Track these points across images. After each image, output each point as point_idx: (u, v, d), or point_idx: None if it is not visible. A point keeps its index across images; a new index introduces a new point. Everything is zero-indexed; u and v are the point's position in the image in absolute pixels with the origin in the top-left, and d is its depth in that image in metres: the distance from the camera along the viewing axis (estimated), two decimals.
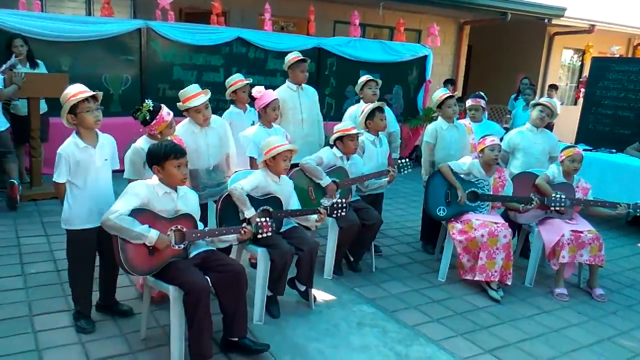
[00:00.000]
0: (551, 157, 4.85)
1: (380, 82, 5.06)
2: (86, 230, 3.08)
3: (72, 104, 2.92)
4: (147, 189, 2.86)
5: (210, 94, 3.74)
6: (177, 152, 2.86)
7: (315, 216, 3.58)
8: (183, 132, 3.66)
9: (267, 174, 3.53)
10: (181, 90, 3.72)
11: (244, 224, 3.14)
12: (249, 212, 3.35)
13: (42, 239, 4.59)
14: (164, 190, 2.89)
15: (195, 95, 3.64)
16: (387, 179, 4.35)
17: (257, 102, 4.17)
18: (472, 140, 4.78)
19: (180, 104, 3.69)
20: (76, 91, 2.96)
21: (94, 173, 3.05)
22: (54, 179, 3.03)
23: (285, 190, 3.62)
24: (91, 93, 2.99)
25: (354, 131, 4.14)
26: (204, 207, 3.77)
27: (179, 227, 2.90)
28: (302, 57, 4.89)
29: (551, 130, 5.53)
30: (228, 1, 8.44)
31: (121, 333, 3.17)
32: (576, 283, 4.46)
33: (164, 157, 2.83)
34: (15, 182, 5.31)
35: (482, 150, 4.23)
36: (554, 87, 10.44)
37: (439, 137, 4.75)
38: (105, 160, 3.12)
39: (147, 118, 3.26)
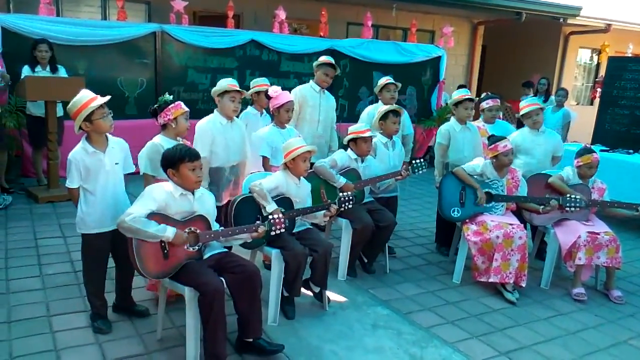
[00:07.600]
0: (554, 157, 4.80)
1: (399, 85, 5.09)
2: (100, 234, 3.11)
3: (89, 111, 2.94)
4: (165, 192, 2.89)
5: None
6: (192, 155, 2.90)
7: (321, 212, 3.65)
8: (211, 125, 3.80)
9: (287, 176, 3.56)
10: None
11: (258, 222, 3.16)
12: (271, 206, 3.36)
13: (60, 241, 4.66)
14: (180, 192, 2.92)
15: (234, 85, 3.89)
16: (397, 177, 4.32)
17: (271, 102, 4.22)
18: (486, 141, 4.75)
19: (218, 88, 3.82)
20: (89, 98, 2.98)
21: (104, 177, 3.08)
22: (66, 185, 3.08)
23: (303, 192, 3.66)
24: (105, 100, 3.02)
25: (367, 134, 4.14)
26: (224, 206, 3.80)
27: (192, 228, 2.92)
28: (333, 64, 5.00)
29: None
30: (241, 4, 8.50)
31: (137, 334, 3.21)
32: (593, 285, 4.41)
33: (179, 160, 2.86)
34: None
35: (495, 157, 4.18)
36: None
37: (451, 138, 4.73)
38: (116, 164, 3.13)
39: (168, 101, 3.38)
